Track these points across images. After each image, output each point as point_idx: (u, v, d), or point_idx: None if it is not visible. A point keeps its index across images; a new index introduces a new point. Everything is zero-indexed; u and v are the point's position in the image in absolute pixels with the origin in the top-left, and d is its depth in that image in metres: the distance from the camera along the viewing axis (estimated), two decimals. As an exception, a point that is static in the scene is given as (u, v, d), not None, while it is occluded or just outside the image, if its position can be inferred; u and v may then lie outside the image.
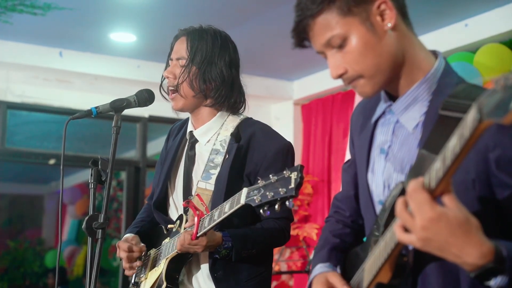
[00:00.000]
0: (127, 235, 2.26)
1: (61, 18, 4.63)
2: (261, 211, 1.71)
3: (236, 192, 1.84)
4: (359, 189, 1.56)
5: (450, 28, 4.69)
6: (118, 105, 1.97)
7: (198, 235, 1.93)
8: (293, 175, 1.64)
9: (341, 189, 1.71)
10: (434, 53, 1.42)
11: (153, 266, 2.18)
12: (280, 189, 1.65)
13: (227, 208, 1.84)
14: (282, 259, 5.56)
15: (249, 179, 2.09)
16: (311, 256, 4.95)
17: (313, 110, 6.16)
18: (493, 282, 1.12)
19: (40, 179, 10.18)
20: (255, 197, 1.72)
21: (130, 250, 2.17)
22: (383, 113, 1.46)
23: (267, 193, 1.68)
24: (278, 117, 6.45)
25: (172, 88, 2.17)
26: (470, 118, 1.01)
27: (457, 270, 1.26)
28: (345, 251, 1.57)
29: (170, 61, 2.21)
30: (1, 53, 5.11)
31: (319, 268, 1.54)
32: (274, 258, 5.02)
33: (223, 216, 1.85)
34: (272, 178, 1.69)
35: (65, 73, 5.44)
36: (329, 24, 1.32)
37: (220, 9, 4.49)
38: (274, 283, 5.87)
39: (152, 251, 2.24)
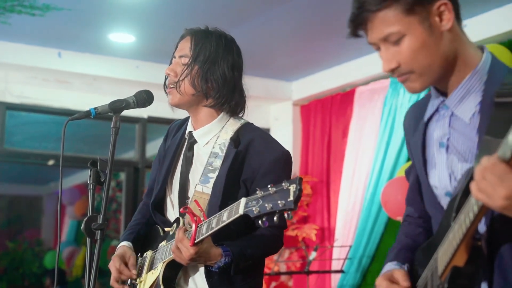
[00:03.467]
0: (124, 247, 2.22)
1: (60, 19, 4.62)
2: (259, 221, 1.71)
3: (232, 197, 1.84)
4: (422, 188, 1.58)
5: (449, 29, 4.68)
6: (117, 106, 1.97)
7: (196, 241, 1.91)
8: (292, 188, 1.64)
9: (407, 193, 1.74)
10: (481, 48, 1.47)
11: (150, 268, 2.17)
12: (279, 201, 1.66)
13: (225, 217, 1.84)
14: (281, 259, 5.55)
15: (245, 185, 2.08)
16: (310, 257, 4.96)
17: (312, 111, 6.16)
18: None
19: (39, 180, 10.15)
20: (253, 208, 1.72)
21: (120, 272, 2.15)
22: (436, 110, 1.50)
23: (266, 205, 1.69)
24: (277, 118, 6.44)
25: (172, 86, 2.17)
26: None
27: None
28: (416, 250, 1.60)
29: (173, 59, 2.21)
30: (-1, 53, 5.12)
31: (387, 267, 1.58)
32: (273, 259, 5.03)
33: (221, 225, 1.85)
34: (271, 189, 1.69)
35: (64, 74, 5.44)
36: (389, 20, 1.36)
37: (219, 10, 4.49)
38: (273, 284, 5.86)
39: (149, 253, 2.22)
